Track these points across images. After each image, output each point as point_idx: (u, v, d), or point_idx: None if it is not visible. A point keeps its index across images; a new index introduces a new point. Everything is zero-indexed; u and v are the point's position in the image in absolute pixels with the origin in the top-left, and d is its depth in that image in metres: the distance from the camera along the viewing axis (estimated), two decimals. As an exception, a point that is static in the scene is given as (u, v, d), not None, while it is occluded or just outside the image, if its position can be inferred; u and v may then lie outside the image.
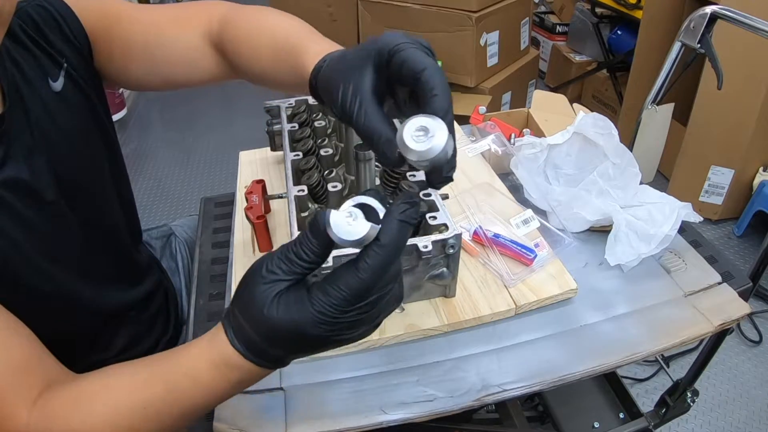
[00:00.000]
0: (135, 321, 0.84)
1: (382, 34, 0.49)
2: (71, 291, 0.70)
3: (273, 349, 0.46)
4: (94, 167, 0.74)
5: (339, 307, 0.44)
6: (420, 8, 2.29)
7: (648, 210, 0.87)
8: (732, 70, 1.49)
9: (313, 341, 0.45)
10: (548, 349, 0.73)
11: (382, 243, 0.44)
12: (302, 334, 0.44)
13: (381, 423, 0.66)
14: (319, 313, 0.44)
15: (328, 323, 0.44)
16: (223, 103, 3.21)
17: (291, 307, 0.44)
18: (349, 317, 0.44)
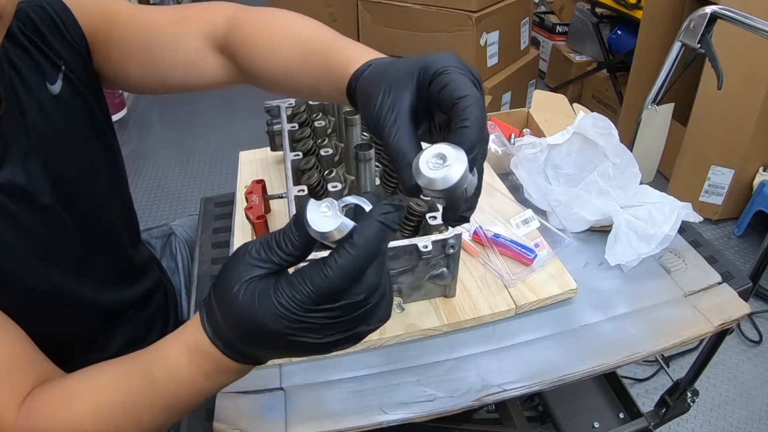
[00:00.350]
0: (134, 320, 0.84)
1: (437, 53, 0.49)
2: (69, 291, 0.70)
3: (238, 340, 0.44)
4: (92, 170, 0.73)
5: (301, 303, 0.40)
6: (420, 8, 2.29)
7: (648, 210, 0.87)
8: (732, 70, 1.49)
9: (272, 336, 0.42)
10: (548, 349, 0.73)
11: (353, 242, 0.40)
12: (260, 324, 0.41)
13: (381, 423, 0.66)
14: (279, 304, 0.40)
15: (287, 318, 0.40)
16: (223, 103, 3.21)
17: (255, 294, 0.41)
18: (313, 318, 0.41)
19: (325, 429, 0.65)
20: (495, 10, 2.29)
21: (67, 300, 0.70)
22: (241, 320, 0.42)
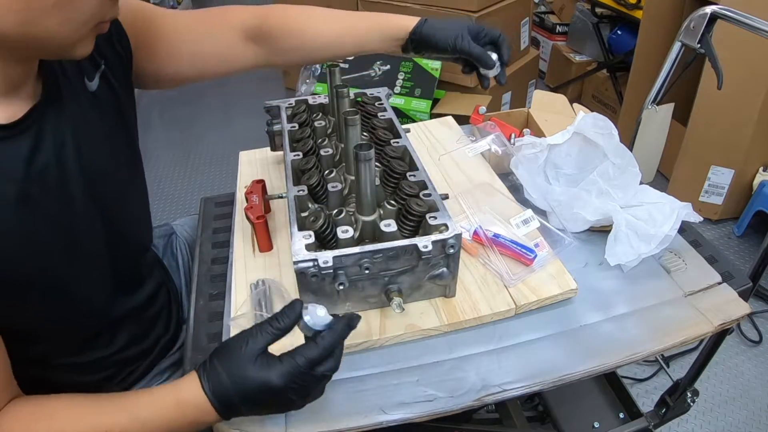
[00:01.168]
0: (138, 319, 0.84)
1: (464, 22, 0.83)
2: (85, 286, 0.71)
3: (237, 395, 0.58)
4: (117, 169, 0.75)
5: (303, 363, 0.58)
6: (420, 8, 2.29)
7: (648, 210, 0.87)
8: (732, 70, 1.49)
9: (274, 391, 0.57)
10: (548, 349, 0.73)
11: (334, 330, 0.61)
12: (268, 382, 0.57)
13: (381, 423, 0.66)
14: (289, 364, 0.58)
15: (292, 374, 0.57)
16: (223, 103, 3.21)
17: (266, 360, 0.58)
18: (305, 377, 0.58)
19: (325, 429, 0.65)
20: (495, 10, 2.29)
21: (81, 294, 0.71)
22: (250, 379, 0.58)
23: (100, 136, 0.70)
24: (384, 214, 0.75)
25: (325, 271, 0.67)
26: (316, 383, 0.60)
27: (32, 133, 0.60)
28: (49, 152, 0.62)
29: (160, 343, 0.89)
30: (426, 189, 0.77)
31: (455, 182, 1.02)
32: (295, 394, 0.59)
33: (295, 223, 0.72)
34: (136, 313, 0.83)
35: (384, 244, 0.69)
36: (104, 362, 0.80)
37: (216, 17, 0.85)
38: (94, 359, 0.78)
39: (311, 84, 2.30)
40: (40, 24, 0.52)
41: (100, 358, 0.79)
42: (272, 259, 0.87)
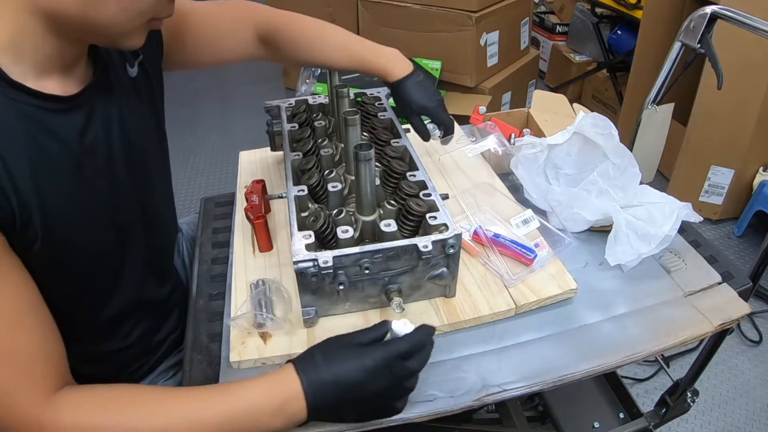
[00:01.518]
0: (156, 312, 0.86)
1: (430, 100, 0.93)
2: (122, 267, 0.75)
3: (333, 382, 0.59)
4: (152, 152, 0.80)
5: (392, 354, 0.61)
6: (420, 8, 2.29)
7: (648, 210, 0.87)
8: (732, 70, 1.49)
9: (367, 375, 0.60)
10: (548, 349, 0.73)
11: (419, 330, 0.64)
12: (362, 366, 0.60)
13: (381, 423, 0.66)
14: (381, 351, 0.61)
15: (383, 360, 0.60)
16: (223, 103, 3.21)
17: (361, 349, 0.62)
18: (397, 368, 0.61)
19: (325, 429, 0.65)
20: (495, 10, 2.29)
21: (118, 273, 0.75)
22: (344, 359, 0.61)
23: (138, 119, 0.75)
24: (384, 214, 0.75)
25: (325, 271, 0.67)
26: (405, 377, 0.61)
27: (85, 109, 0.65)
28: (99, 129, 0.67)
29: (169, 339, 0.90)
30: (426, 189, 0.77)
31: (455, 182, 1.02)
32: (385, 384, 0.60)
33: (295, 223, 0.72)
34: (157, 304, 0.86)
35: (384, 244, 0.69)
36: (116, 355, 0.81)
37: (238, 13, 0.94)
38: (109, 351, 0.80)
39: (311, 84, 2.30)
40: (100, 8, 0.56)
41: (114, 351, 0.80)
42: (272, 259, 0.87)
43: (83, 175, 0.65)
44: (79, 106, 0.64)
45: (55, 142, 0.61)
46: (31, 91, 0.59)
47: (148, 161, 0.78)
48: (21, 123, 0.58)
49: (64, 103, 0.62)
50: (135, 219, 0.76)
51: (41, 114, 0.60)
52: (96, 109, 0.67)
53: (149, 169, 0.79)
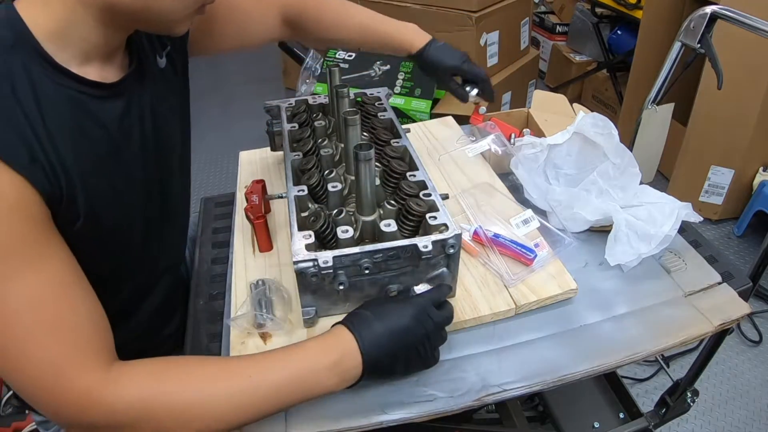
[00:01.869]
0: (163, 306, 0.87)
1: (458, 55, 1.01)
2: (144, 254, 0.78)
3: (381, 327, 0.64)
4: (176, 145, 0.82)
5: (426, 302, 0.67)
6: (420, 8, 2.29)
7: (648, 210, 0.87)
8: (732, 70, 1.49)
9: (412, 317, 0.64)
10: (548, 349, 0.73)
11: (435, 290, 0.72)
12: (405, 310, 0.65)
13: (381, 423, 0.66)
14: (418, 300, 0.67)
15: (422, 306, 0.66)
16: (223, 103, 3.22)
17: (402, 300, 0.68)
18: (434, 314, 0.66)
19: (325, 429, 0.65)
20: (495, 10, 2.29)
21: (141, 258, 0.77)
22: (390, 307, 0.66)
23: (166, 111, 0.77)
24: (384, 214, 0.75)
25: (325, 271, 0.67)
26: (442, 323, 0.67)
27: (125, 98, 0.68)
28: (134, 118, 0.70)
29: (173, 337, 0.90)
30: (426, 189, 0.77)
31: (455, 182, 1.02)
32: (428, 329, 0.65)
33: (295, 223, 0.72)
34: (165, 299, 0.87)
35: (384, 244, 0.69)
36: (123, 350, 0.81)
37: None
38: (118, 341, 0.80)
39: (311, 84, 2.30)
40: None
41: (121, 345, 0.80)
42: (272, 259, 0.87)
43: (120, 162, 0.68)
44: (119, 94, 0.67)
45: (97, 127, 0.64)
46: (76, 77, 0.61)
47: (171, 155, 0.80)
48: (67, 107, 0.60)
49: (107, 90, 0.65)
50: (156, 210, 0.78)
51: (85, 99, 0.63)
52: (133, 98, 0.70)
53: (171, 164, 0.80)
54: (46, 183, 0.56)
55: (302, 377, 0.61)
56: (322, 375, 0.61)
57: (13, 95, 0.55)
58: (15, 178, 0.53)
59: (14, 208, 0.53)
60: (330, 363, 0.61)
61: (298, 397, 0.61)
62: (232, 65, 3.68)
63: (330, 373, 0.61)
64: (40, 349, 0.54)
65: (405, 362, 0.66)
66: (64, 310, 0.57)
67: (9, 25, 0.57)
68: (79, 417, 0.56)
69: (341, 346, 0.62)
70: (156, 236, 0.79)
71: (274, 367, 0.61)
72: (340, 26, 0.99)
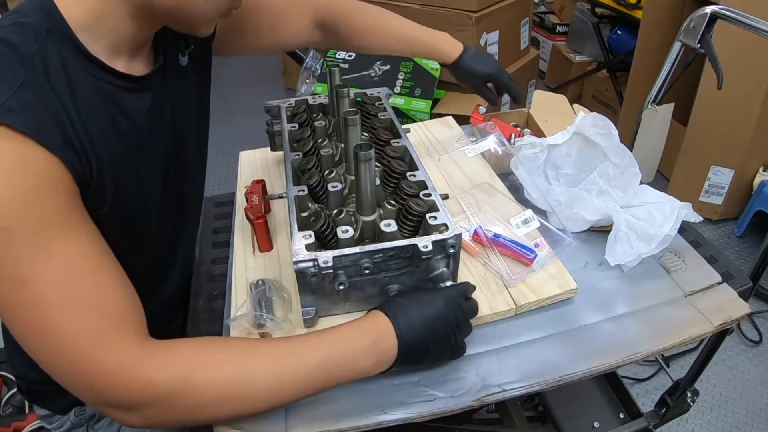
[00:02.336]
0: (169, 305, 0.88)
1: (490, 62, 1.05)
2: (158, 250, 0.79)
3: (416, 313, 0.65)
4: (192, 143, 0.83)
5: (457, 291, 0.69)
6: (420, 8, 2.29)
7: (648, 210, 0.87)
8: (732, 70, 1.49)
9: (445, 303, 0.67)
10: (548, 349, 0.73)
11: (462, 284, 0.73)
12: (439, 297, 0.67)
13: (381, 423, 0.66)
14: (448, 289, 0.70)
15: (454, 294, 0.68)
16: (223, 103, 3.21)
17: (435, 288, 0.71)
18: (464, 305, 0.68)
19: (325, 429, 0.65)
20: (495, 10, 2.29)
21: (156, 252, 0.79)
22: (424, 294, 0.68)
23: (185, 108, 0.78)
24: (384, 214, 0.75)
25: (325, 271, 0.67)
26: (470, 313, 0.69)
27: (152, 91, 0.70)
28: (159, 113, 0.71)
29: (175, 331, 0.90)
30: (426, 189, 0.77)
31: (455, 182, 1.02)
32: (459, 317, 0.67)
33: (295, 223, 0.72)
34: (172, 297, 0.87)
35: (384, 244, 0.69)
36: None
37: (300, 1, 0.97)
38: None
39: (311, 84, 2.30)
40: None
41: None
42: (272, 259, 0.87)
43: (145, 154, 0.69)
44: (147, 87, 0.69)
45: (125, 118, 0.65)
46: (107, 68, 0.62)
47: (186, 152, 0.81)
48: (98, 96, 0.62)
49: (135, 83, 0.67)
50: (172, 207, 0.79)
51: (115, 91, 0.64)
52: (159, 92, 0.71)
53: (187, 161, 0.81)
54: (78, 164, 0.57)
55: (341, 357, 0.61)
56: (360, 355, 0.62)
57: (47, 80, 0.56)
58: (49, 158, 0.54)
59: (48, 184, 0.54)
60: (367, 344, 0.62)
61: (337, 377, 0.62)
62: (232, 65, 3.68)
63: (367, 354, 0.62)
64: (78, 319, 0.54)
65: (436, 349, 0.67)
66: (101, 281, 0.57)
67: (44, 12, 0.58)
68: (113, 391, 0.55)
69: (378, 329, 0.63)
70: (171, 233, 0.81)
71: (315, 347, 0.61)
72: (375, 34, 0.99)
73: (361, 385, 0.69)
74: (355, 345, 0.62)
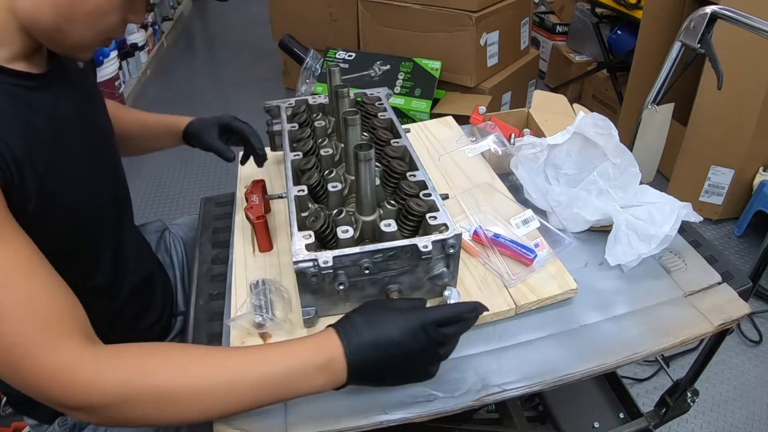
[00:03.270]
0: (135, 299, 0.88)
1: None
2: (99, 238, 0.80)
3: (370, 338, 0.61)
4: (105, 135, 0.86)
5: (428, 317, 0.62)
6: (420, 8, 2.29)
7: (648, 210, 0.87)
8: (732, 70, 1.49)
9: (403, 333, 0.61)
10: (548, 349, 0.73)
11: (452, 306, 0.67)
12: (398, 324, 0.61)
13: (381, 423, 0.66)
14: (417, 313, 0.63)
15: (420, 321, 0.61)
16: (223, 103, 3.21)
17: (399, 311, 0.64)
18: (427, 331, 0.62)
19: (325, 429, 0.65)
20: (495, 10, 2.29)
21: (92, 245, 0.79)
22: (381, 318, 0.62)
23: (91, 104, 0.82)
24: (384, 214, 0.75)
25: (325, 271, 0.67)
26: (441, 342, 0.62)
27: (54, 87, 0.72)
28: (66, 106, 0.73)
29: (154, 328, 0.92)
30: (426, 189, 0.77)
31: (455, 182, 1.02)
32: (421, 346, 0.61)
33: (295, 223, 0.72)
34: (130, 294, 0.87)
35: (384, 244, 0.69)
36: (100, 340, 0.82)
37: None
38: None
39: (311, 84, 2.30)
40: (72, 24, 0.65)
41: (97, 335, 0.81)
42: (272, 259, 0.87)
43: (61, 147, 0.70)
44: (46, 85, 0.71)
45: (36, 114, 0.67)
46: (9, 71, 0.65)
47: (104, 146, 0.84)
48: (8, 99, 0.64)
49: (37, 81, 0.69)
50: (108, 200, 0.81)
51: (21, 91, 0.66)
52: (61, 88, 0.74)
53: (105, 153, 0.84)
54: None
55: (289, 373, 0.60)
56: (310, 373, 0.60)
57: None
58: None
59: None
60: (317, 363, 0.60)
61: (286, 392, 0.61)
62: (232, 65, 3.69)
63: (317, 372, 0.60)
64: (12, 324, 0.55)
65: (395, 374, 0.64)
66: (34, 287, 0.57)
67: None
68: (57, 394, 0.55)
69: (329, 350, 0.61)
70: (110, 220, 0.83)
71: (262, 360, 0.60)
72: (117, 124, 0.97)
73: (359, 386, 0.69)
74: (305, 363, 0.60)
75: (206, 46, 4.23)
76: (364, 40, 2.57)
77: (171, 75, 3.53)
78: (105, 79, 2.76)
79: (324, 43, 2.48)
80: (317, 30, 2.70)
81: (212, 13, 4.72)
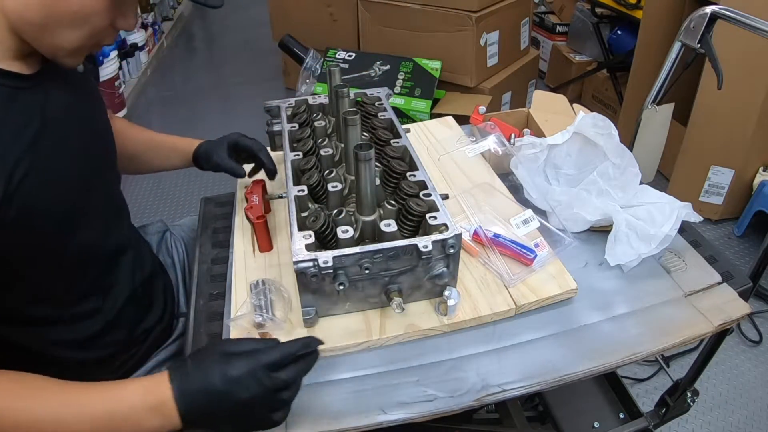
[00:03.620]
0: (135, 301, 0.88)
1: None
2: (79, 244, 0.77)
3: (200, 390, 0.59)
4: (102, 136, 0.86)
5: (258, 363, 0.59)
6: (420, 8, 2.29)
7: (648, 210, 0.87)
8: (732, 70, 1.49)
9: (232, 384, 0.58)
10: (548, 349, 0.73)
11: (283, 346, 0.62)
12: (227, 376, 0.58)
13: (381, 423, 0.66)
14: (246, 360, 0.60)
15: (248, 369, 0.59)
16: (223, 103, 3.21)
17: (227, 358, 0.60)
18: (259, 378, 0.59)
19: (325, 429, 0.65)
20: (495, 10, 2.29)
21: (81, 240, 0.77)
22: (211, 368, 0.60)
23: (87, 106, 0.81)
24: (384, 214, 0.75)
25: (325, 271, 0.67)
26: (278, 388, 0.60)
27: (45, 87, 0.71)
28: (57, 109, 0.72)
29: (155, 329, 0.91)
30: (426, 189, 0.77)
31: (455, 182, 1.02)
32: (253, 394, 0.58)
33: (295, 223, 0.72)
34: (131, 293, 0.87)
35: (384, 244, 0.69)
36: (99, 342, 0.82)
37: None
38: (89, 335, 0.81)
39: (311, 84, 2.30)
40: (59, 24, 0.64)
41: (95, 336, 0.81)
42: (272, 259, 0.87)
43: (42, 149, 0.69)
44: (37, 85, 0.70)
45: (20, 114, 0.67)
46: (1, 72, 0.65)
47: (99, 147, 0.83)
48: None
49: (26, 81, 0.69)
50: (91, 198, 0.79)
51: (8, 91, 0.66)
52: (53, 90, 0.73)
53: (105, 154, 0.85)
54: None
55: (124, 413, 0.60)
56: (142, 415, 0.59)
57: None
58: None
59: None
60: (150, 406, 0.59)
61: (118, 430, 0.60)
62: (232, 65, 3.68)
63: (151, 415, 0.59)
64: None
65: (232, 422, 0.61)
66: None
67: None
68: None
69: (161, 395, 0.59)
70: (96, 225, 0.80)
71: (100, 399, 0.60)
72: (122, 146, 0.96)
73: (361, 385, 0.70)
74: (138, 404, 0.59)
75: (206, 46, 4.23)
76: (364, 40, 2.57)
77: (171, 75, 3.53)
78: (105, 79, 2.75)
79: (324, 43, 2.48)
80: (317, 30, 2.70)
81: (212, 13, 4.72)
